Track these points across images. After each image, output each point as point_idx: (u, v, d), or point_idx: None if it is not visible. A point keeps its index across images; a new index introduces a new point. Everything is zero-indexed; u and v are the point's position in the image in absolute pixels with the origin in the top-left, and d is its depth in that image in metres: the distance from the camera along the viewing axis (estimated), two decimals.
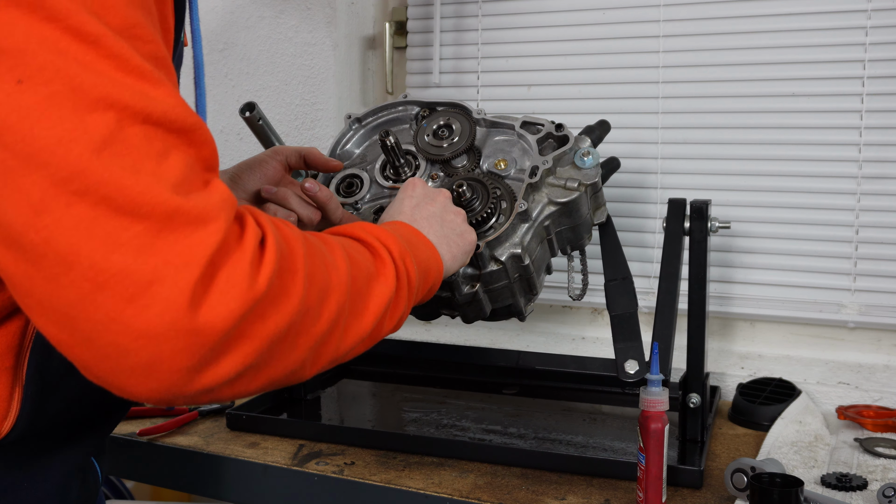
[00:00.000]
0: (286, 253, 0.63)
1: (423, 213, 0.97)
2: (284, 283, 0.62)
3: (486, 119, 1.17)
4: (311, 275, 0.65)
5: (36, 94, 0.54)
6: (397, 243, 0.83)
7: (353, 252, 0.77)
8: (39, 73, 0.54)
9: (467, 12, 1.70)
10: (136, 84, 0.57)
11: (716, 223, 1.21)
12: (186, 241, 0.55)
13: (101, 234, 0.54)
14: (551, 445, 1.20)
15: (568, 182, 1.11)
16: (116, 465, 1.28)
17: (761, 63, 1.48)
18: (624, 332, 1.14)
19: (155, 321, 0.54)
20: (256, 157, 1.13)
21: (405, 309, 0.83)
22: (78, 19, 0.55)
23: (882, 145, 1.42)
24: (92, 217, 0.54)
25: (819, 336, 1.49)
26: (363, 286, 0.75)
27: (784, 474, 0.95)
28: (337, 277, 0.70)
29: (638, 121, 1.57)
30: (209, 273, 0.56)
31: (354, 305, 0.73)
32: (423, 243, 0.91)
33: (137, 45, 0.59)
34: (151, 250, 0.54)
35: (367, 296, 0.76)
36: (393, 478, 1.10)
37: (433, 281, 0.91)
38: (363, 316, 0.74)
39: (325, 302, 0.67)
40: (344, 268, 0.72)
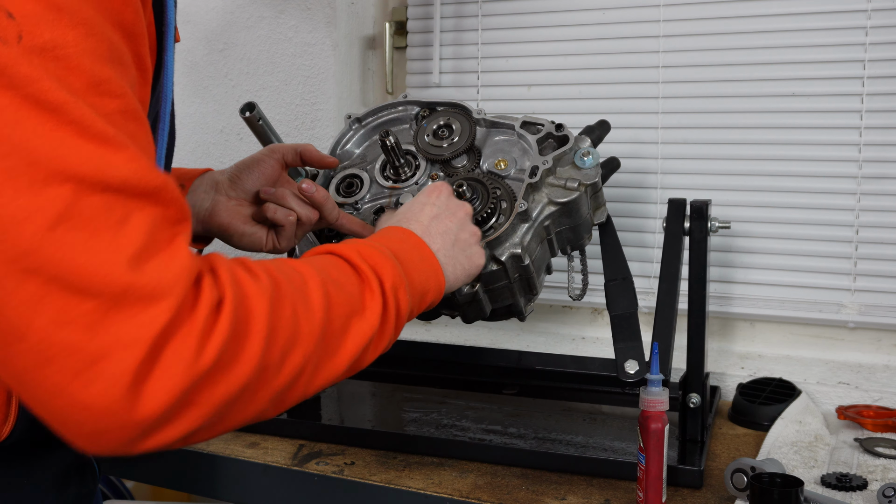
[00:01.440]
0: (243, 316, 0.61)
1: (440, 226, 0.94)
2: (238, 347, 0.61)
3: (486, 119, 1.17)
4: (273, 331, 0.63)
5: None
6: (392, 272, 0.80)
7: (336, 284, 0.73)
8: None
9: (467, 12, 1.70)
10: (95, 151, 0.55)
11: (716, 223, 1.21)
12: (135, 319, 0.55)
13: (51, 310, 0.54)
14: (551, 445, 1.20)
15: (568, 182, 1.11)
16: (116, 465, 1.28)
17: (761, 63, 1.48)
18: (624, 332, 1.14)
19: (98, 398, 0.54)
20: (254, 156, 1.13)
21: (391, 340, 0.80)
22: (37, 87, 0.54)
23: (882, 145, 1.42)
24: (42, 294, 0.54)
25: (819, 336, 1.49)
26: (341, 325, 0.72)
27: (784, 474, 0.95)
28: (308, 326, 0.68)
29: (638, 121, 1.57)
30: (154, 352, 0.56)
31: (327, 347, 0.71)
32: (429, 261, 0.89)
33: (105, 103, 0.57)
34: (100, 328, 0.54)
35: (345, 335, 0.73)
36: (393, 478, 1.10)
37: (431, 300, 0.89)
38: (336, 356, 0.72)
39: (290, 355, 0.65)
40: (319, 311, 0.69)
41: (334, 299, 0.72)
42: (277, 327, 0.64)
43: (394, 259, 0.82)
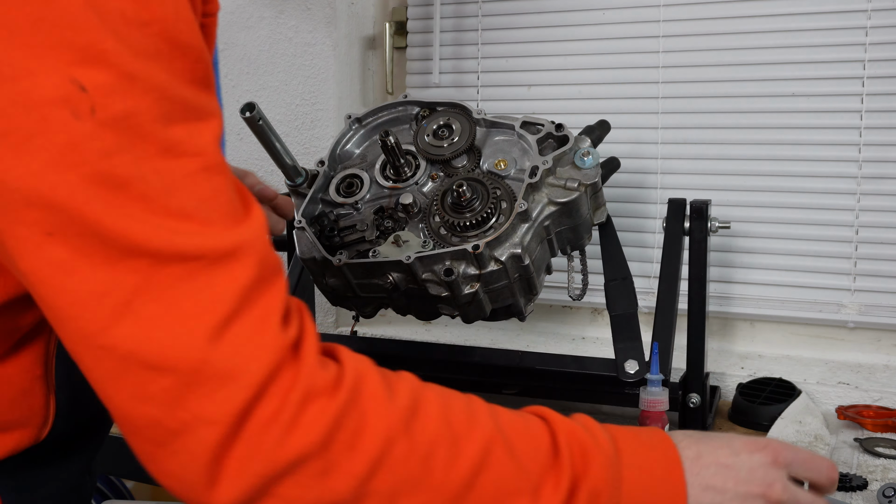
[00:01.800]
0: (353, 421, 0.56)
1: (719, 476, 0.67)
2: (337, 455, 0.55)
3: (486, 119, 1.17)
4: (389, 459, 0.57)
5: (65, 245, 0.52)
6: (600, 474, 0.63)
7: (510, 452, 0.61)
8: (68, 226, 0.52)
9: (467, 12, 1.70)
10: (166, 223, 0.53)
11: (716, 223, 1.21)
12: (213, 396, 0.53)
13: (129, 386, 0.54)
14: None
15: (568, 182, 1.11)
16: (116, 465, 1.28)
17: (761, 63, 1.48)
18: (624, 332, 1.14)
19: (180, 470, 0.55)
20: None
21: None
22: (109, 162, 0.52)
23: (882, 145, 1.41)
24: (120, 371, 0.54)
25: (819, 336, 1.49)
26: (492, 499, 0.60)
27: None
28: (442, 476, 0.58)
29: (638, 121, 1.56)
30: (234, 431, 0.54)
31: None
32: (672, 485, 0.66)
33: (181, 165, 0.55)
34: (178, 404, 0.53)
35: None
36: None
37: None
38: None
39: (401, 498, 0.57)
40: (465, 468, 0.59)
41: (492, 470, 0.60)
42: (397, 458, 0.57)
43: (613, 460, 0.64)
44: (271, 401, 0.54)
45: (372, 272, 1.09)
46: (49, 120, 0.51)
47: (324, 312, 1.78)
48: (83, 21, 0.52)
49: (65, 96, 0.51)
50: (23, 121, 0.52)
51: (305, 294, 1.37)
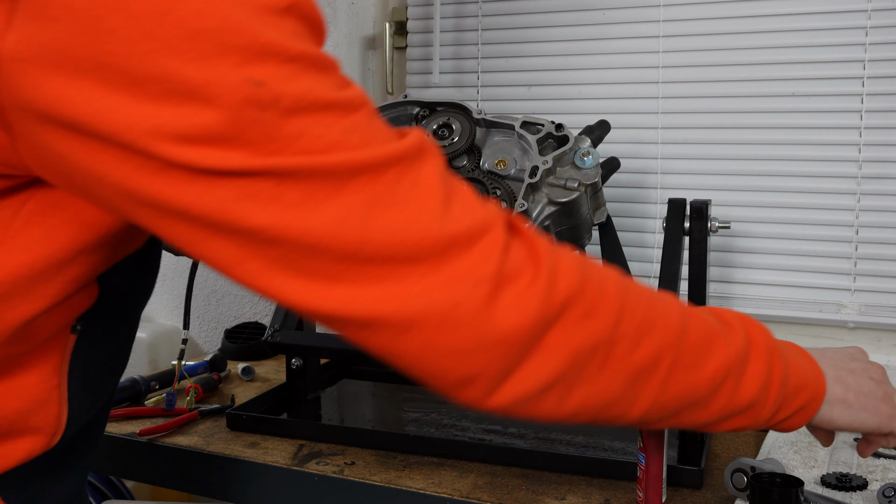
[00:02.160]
0: (590, 275, 0.65)
1: (843, 365, 0.86)
2: (592, 299, 0.64)
3: (486, 119, 1.17)
4: (626, 302, 0.66)
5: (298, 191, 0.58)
6: (764, 334, 0.77)
7: (689, 310, 0.72)
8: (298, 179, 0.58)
9: (467, 12, 1.70)
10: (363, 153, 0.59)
11: (716, 223, 1.21)
12: (468, 261, 0.60)
13: (399, 290, 0.60)
14: (551, 445, 1.20)
15: (568, 182, 1.11)
16: (116, 465, 1.28)
17: (761, 63, 1.48)
18: None
19: (460, 342, 0.60)
20: None
21: (759, 394, 0.75)
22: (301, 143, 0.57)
23: (882, 145, 1.42)
24: (382, 274, 0.60)
25: (819, 336, 1.49)
26: (699, 338, 0.71)
27: (784, 474, 0.95)
28: (664, 318, 0.69)
29: (638, 121, 1.57)
30: (501, 280, 0.61)
31: (684, 350, 0.69)
32: (808, 363, 0.81)
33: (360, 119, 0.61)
34: (444, 280, 0.60)
35: (705, 349, 0.71)
36: (393, 478, 1.10)
37: (805, 400, 0.80)
38: (696, 369, 0.70)
39: (645, 337, 0.67)
40: (674, 313, 0.70)
41: (691, 316, 0.71)
42: (629, 302, 0.67)
43: (768, 337, 0.78)
44: (518, 252, 0.63)
45: None
46: (240, 121, 0.56)
47: None
48: (237, 22, 0.56)
49: (248, 96, 0.55)
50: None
51: None
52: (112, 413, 1.31)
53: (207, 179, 0.56)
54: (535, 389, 0.64)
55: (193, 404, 1.37)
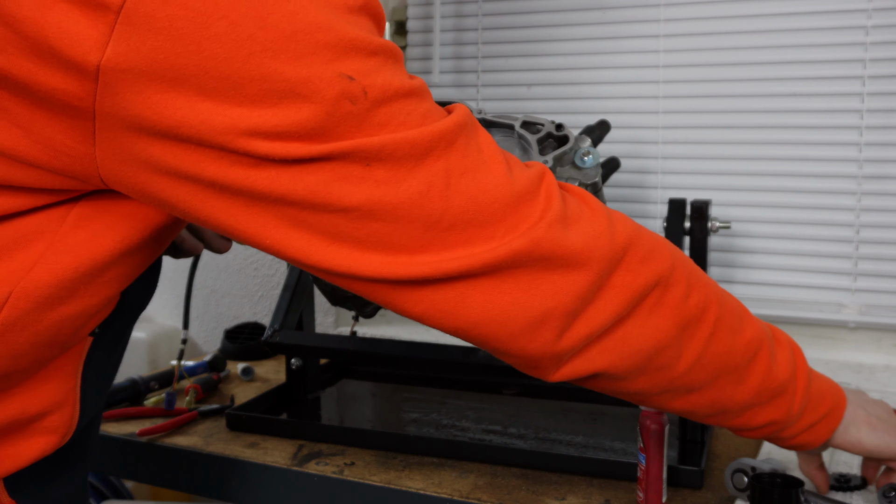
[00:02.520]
0: (640, 225, 0.73)
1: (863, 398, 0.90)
2: (650, 243, 0.72)
3: (486, 119, 1.17)
4: (676, 257, 0.73)
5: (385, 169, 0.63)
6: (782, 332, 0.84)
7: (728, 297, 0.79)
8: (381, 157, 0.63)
9: (467, 12, 1.70)
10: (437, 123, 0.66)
11: (716, 223, 1.21)
12: (537, 209, 0.67)
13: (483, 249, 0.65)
14: (551, 445, 1.20)
15: (568, 182, 1.11)
16: (116, 465, 1.28)
17: (761, 63, 1.48)
18: None
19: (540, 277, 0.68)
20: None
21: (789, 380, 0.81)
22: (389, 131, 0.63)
23: (882, 145, 1.42)
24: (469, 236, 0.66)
25: (819, 336, 1.49)
26: (736, 310, 0.78)
27: (784, 474, 0.95)
28: (709, 285, 0.75)
29: (638, 121, 1.57)
30: (566, 223, 0.68)
31: (724, 318, 0.76)
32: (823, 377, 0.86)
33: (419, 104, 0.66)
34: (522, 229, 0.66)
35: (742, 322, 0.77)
36: (393, 478, 1.10)
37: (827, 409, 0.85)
38: (736, 334, 0.76)
39: (695, 289, 0.73)
40: (715, 288, 0.76)
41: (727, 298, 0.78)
42: (678, 255, 0.74)
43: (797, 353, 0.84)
44: (571, 198, 0.71)
45: None
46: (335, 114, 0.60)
47: (324, 312, 1.78)
48: (326, 21, 0.60)
49: (342, 90, 0.60)
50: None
51: (305, 294, 1.37)
52: (112, 413, 1.31)
53: (301, 167, 0.61)
54: (602, 327, 0.69)
55: (193, 404, 1.37)
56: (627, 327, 0.71)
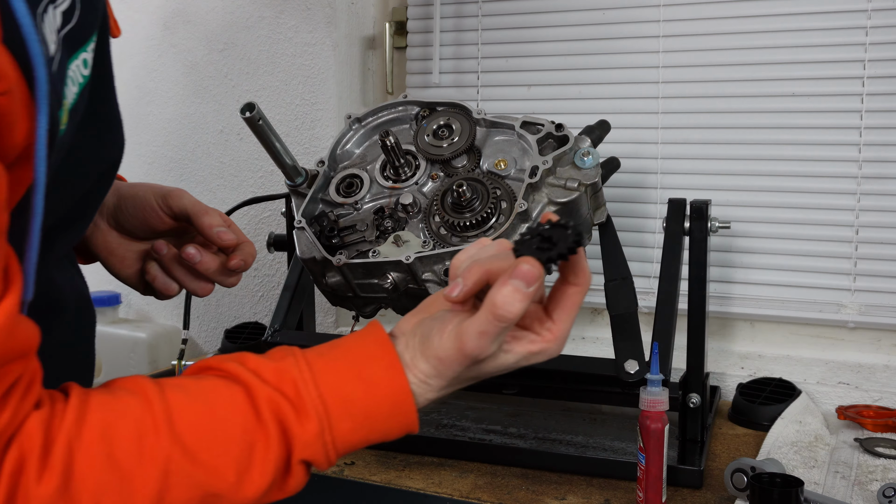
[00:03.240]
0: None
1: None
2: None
3: (486, 119, 1.17)
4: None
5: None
6: (313, 441, 0.67)
7: (194, 462, 0.63)
8: None
9: (467, 12, 1.70)
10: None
11: (716, 223, 1.21)
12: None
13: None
14: (551, 445, 1.20)
15: (568, 182, 1.11)
16: None
17: (761, 63, 1.48)
18: (624, 332, 1.14)
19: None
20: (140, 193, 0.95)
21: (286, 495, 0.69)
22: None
23: (882, 145, 1.42)
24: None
25: (819, 336, 1.49)
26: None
27: (784, 474, 0.95)
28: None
29: (638, 121, 1.57)
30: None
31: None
32: (400, 410, 0.71)
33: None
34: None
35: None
36: (393, 478, 1.10)
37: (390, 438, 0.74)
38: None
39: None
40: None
41: (179, 484, 0.63)
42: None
43: (322, 429, 0.68)
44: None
45: (372, 272, 1.09)
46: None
47: (324, 312, 1.78)
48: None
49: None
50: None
51: (305, 294, 1.37)
52: None
53: None
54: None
55: None
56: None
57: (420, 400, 0.72)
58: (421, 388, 0.72)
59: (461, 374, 0.72)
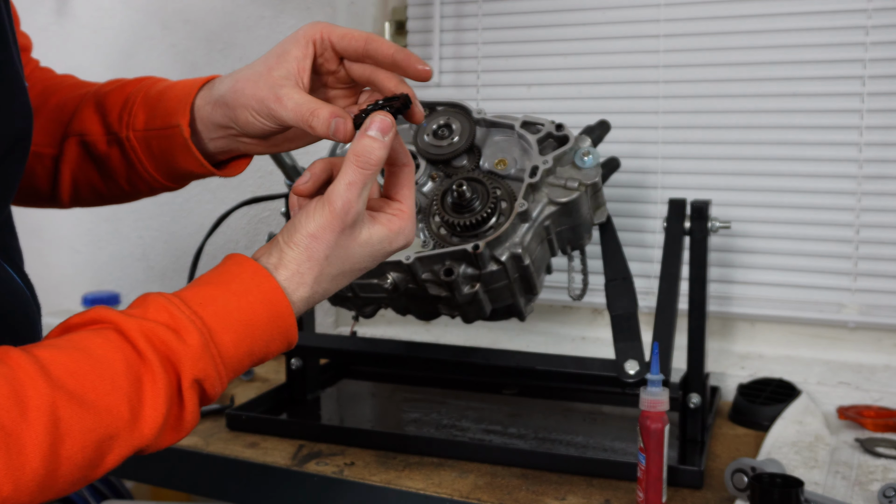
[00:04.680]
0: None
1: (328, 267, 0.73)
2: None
3: (485, 119, 1.17)
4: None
5: None
6: (196, 363, 0.65)
7: (82, 405, 0.60)
8: None
9: (467, 12, 1.70)
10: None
11: (716, 223, 1.21)
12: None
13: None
14: (551, 445, 1.20)
15: (568, 182, 1.11)
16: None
17: (761, 63, 1.48)
18: (624, 332, 1.14)
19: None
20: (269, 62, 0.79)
21: (190, 427, 0.67)
22: None
23: (882, 145, 1.41)
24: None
25: (819, 336, 1.49)
26: (85, 458, 0.60)
27: (784, 474, 0.95)
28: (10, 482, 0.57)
29: (638, 121, 1.56)
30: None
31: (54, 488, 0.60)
32: (279, 319, 0.70)
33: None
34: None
35: (95, 463, 0.61)
36: (393, 478, 1.10)
37: (275, 353, 0.73)
38: (79, 484, 0.61)
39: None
40: (33, 460, 0.57)
41: (71, 431, 0.59)
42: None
43: (206, 342, 0.66)
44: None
45: (371, 272, 1.09)
46: None
47: (324, 312, 1.78)
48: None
49: None
50: None
51: None
52: None
53: None
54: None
55: None
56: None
57: (294, 297, 0.71)
58: (292, 283, 0.71)
59: (333, 256, 0.72)
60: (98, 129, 0.90)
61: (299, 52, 0.79)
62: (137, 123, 0.88)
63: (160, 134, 0.87)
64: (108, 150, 0.90)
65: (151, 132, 0.87)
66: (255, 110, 0.78)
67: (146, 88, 0.90)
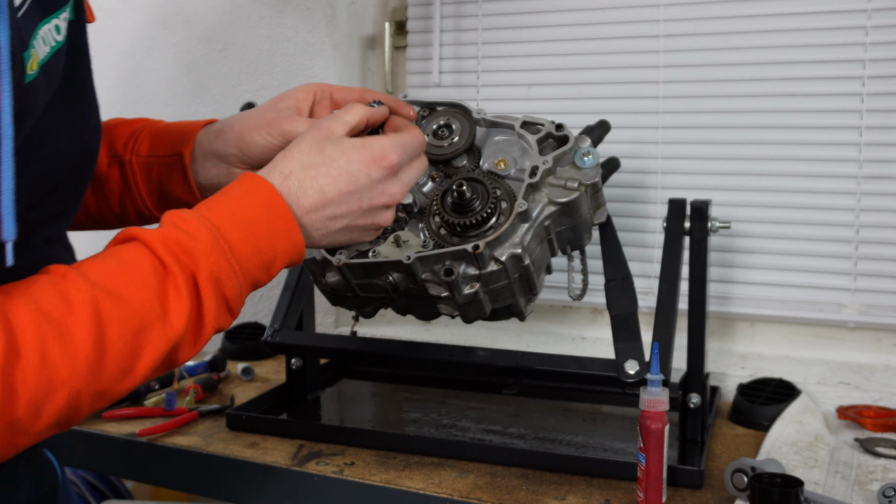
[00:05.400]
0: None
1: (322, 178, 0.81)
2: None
3: (486, 119, 1.17)
4: (9, 390, 0.62)
5: None
6: (210, 259, 0.72)
7: (117, 299, 0.67)
8: None
9: (467, 12, 1.70)
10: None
11: (716, 223, 1.21)
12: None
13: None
14: (551, 445, 1.20)
15: (568, 182, 1.11)
16: (116, 465, 1.28)
17: (761, 63, 1.48)
18: (624, 332, 1.14)
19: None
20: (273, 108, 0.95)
21: (214, 330, 0.74)
22: None
23: (882, 145, 1.41)
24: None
25: (819, 336, 1.49)
26: (127, 346, 0.67)
27: (784, 474, 0.95)
28: (69, 367, 0.64)
29: (638, 121, 1.56)
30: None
31: (105, 375, 0.66)
32: (281, 223, 0.77)
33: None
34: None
35: (136, 353, 0.68)
36: (393, 478, 1.10)
37: (283, 266, 0.79)
38: (126, 378, 0.68)
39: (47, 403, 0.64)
40: (85, 345, 0.65)
41: (111, 321, 0.67)
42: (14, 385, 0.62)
43: (216, 237, 0.73)
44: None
45: (372, 272, 1.09)
46: None
47: (324, 312, 1.78)
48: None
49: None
50: None
51: (305, 294, 1.37)
52: (112, 413, 1.31)
53: None
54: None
55: (193, 405, 1.37)
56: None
57: (291, 199, 0.79)
58: (290, 187, 0.79)
59: (326, 163, 0.81)
60: (103, 152, 1.00)
61: (300, 94, 0.95)
62: (142, 150, 0.99)
63: (162, 160, 0.98)
64: (108, 171, 1.00)
65: (154, 158, 0.99)
66: (265, 131, 0.91)
67: (152, 124, 1.02)
